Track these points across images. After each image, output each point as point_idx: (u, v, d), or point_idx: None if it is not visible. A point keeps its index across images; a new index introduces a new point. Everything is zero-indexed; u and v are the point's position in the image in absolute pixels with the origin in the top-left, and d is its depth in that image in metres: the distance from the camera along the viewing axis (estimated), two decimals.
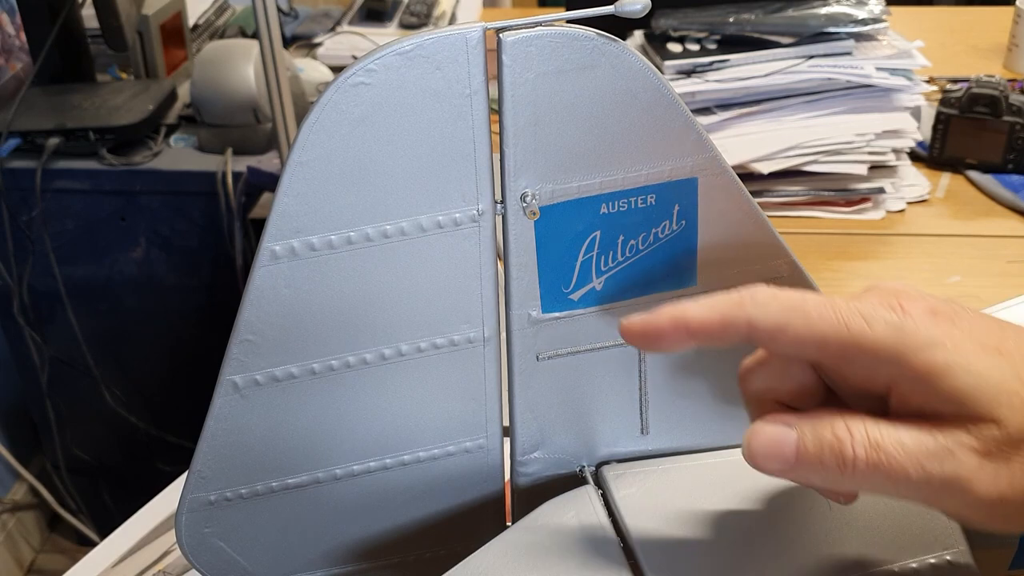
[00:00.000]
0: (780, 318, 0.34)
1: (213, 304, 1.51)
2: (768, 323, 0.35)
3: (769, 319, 0.35)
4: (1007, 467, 0.32)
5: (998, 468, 0.32)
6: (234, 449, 0.40)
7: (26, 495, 1.81)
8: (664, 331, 0.36)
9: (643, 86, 0.37)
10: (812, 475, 0.34)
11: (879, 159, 1.09)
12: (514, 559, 0.40)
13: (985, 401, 0.33)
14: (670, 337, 0.36)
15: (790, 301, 0.35)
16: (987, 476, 0.32)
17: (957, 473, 0.32)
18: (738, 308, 0.35)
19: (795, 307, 0.34)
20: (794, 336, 0.34)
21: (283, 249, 0.37)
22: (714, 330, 0.35)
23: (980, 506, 0.33)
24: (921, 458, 0.33)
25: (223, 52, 1.45)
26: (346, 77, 0.35)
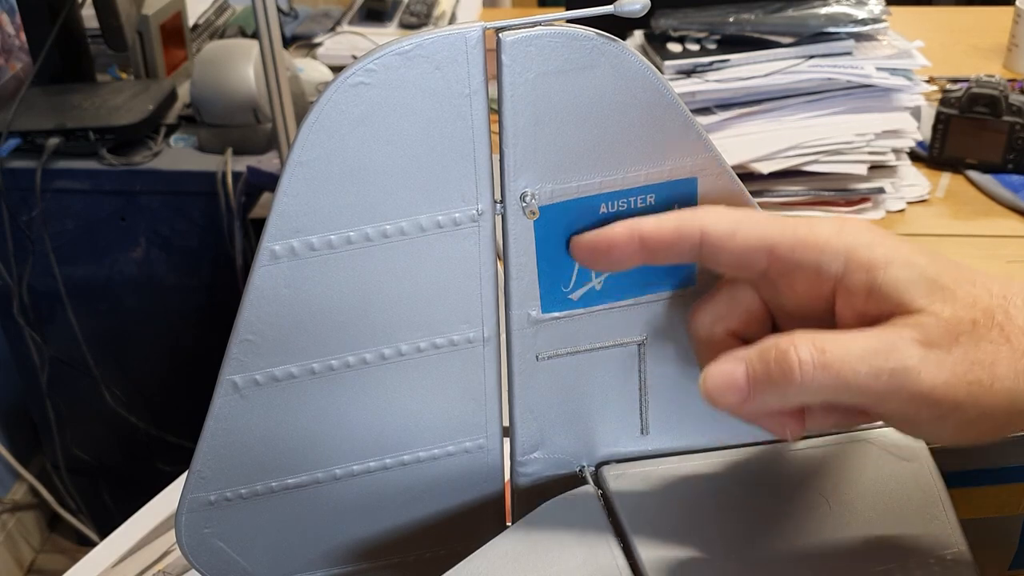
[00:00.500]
0: (732, 223, 0.37)
1: (213, 304, 1.51)
2: (720, 227, 0.37)
3: (720, 224, 0.37)
4: (949, 356, 0.34)
5: (941, 357, 0.34)
6: (234, 449, 0.40)
7: (26, 495, 1.81)
8: (617, 241, 0.38)
9: (643, 86, 0.37)
10: (767, 396, 0.35)
11: (879, 159, 1.09)
12: (514, 559, 0.40)
13: (923, 292, 0.35)
14: (623, 248, 0.38)
15: (740, 210, 0.38)
16: (931, 365, 0.34)
17: (904, 364, 0.34)
18: (692, 216, 0.37)
19: (746, 214, 0.37)
20: (745, 239, 0.36)
21: (283, 249, 0.37)
22: (667, 238, 0.37)
23: (927, 397, 0.34)
24: (867, 355, 0.34)
25: (223, 52, 1.45)
26: (346, 77, 0.35)
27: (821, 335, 0.35)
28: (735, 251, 0.37)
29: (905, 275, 0.35)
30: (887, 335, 0.34)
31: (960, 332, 0.34)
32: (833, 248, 0.36)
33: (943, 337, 0.34)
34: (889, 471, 0.43)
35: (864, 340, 0.34)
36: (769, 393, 0.35)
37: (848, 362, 0.34)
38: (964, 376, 0.34)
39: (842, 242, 0.36)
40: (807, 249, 0.36)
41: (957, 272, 0.35)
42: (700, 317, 0.40)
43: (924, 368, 0.34)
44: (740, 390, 0.36)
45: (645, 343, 0.42)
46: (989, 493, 0.46)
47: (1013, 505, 0.47)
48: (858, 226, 0.36)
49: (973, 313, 0.34)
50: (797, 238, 0.36)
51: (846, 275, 0.36)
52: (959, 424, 0.35)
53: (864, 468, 0.43)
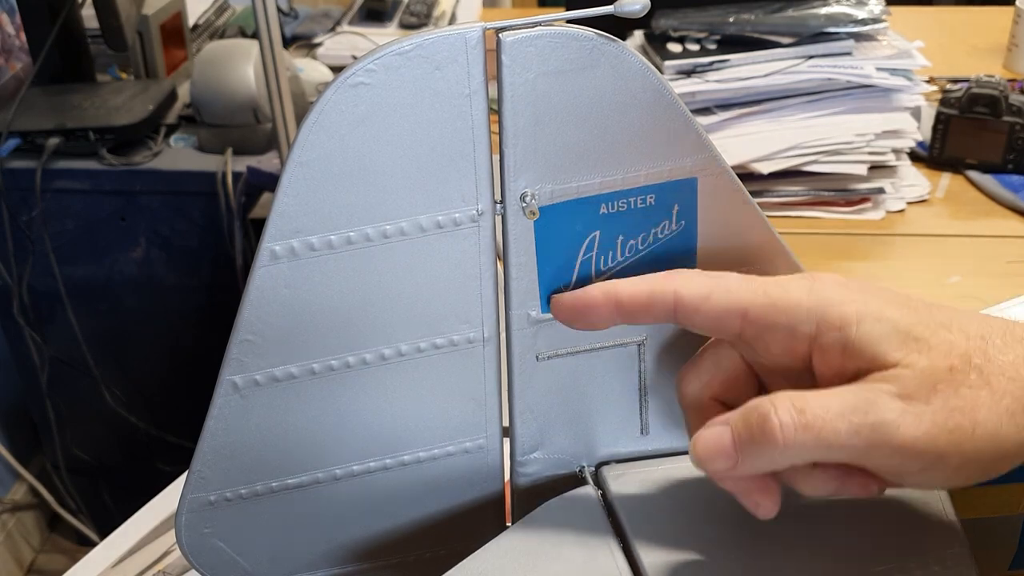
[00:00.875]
0: (703, 288, 0.37)
1: (213, 304, 1.51)
2: (692, 293, 0.37)
3: (693, 290, 0.37)
4: (928, 407, 0.34)
5: (919, 409, 0.34)
6: (234, 449, 0.40)
7: (26, 495, 1.81)
8: (595, 305, 0.39)
9: (643, 86, 0.37)
10: (755, 458, 0.36)
11: (879, 159, 1.09)
12: (514, 559, 0.40)
13: (897, 345, 0.35)
14: (601, 311, 0.39)
15: (712, 275, 0.38)
16: (911, 418, 0.34)
17: (882, 419, 0.34)
18: (665, 281, 0.38)
19: (717, 278, 0.38)
20: (717, 304, 0.37)
21: (283, 249, 0.37)
22: (642, 302, 0.38)
23: (909, 450, 0.34)
24: (847, 413, 0.34)
25: (223, 52, 1.45)
26: (346, 77, 0.35)
27: (800, 395, 0.35)
28: (709, 315, 0.37)
29: (877, 330, 0.35)
30: (864, 391, 0.34)
31: (937, 381, 0.34)
32: (804, 309, 0.36)
33: (920, 388, 0.34)
34: None
35: (843, 398, 0.35)
36: (755, 456, 0.36)
37: (828, 421, 0.34)
38: (944, 425, 0.34)
39: (812, 302, 0.36)
40: (779, 313, 0.36)
41: (932, 318, 0.35)
42: (686, 384, 0.41)
43: (903, 421, 0.34)
44: (728, 455, 0.36)
45: (645, 343, 0.42)
46: (989, 493, 0.46)
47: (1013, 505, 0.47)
48: (828, 284, 0.36)
49: (950, 360, 0.34)
50: (769, 301, 0.36)
51: (819, 335, 0.36)
52: (946, 472, 0.35)
53: None
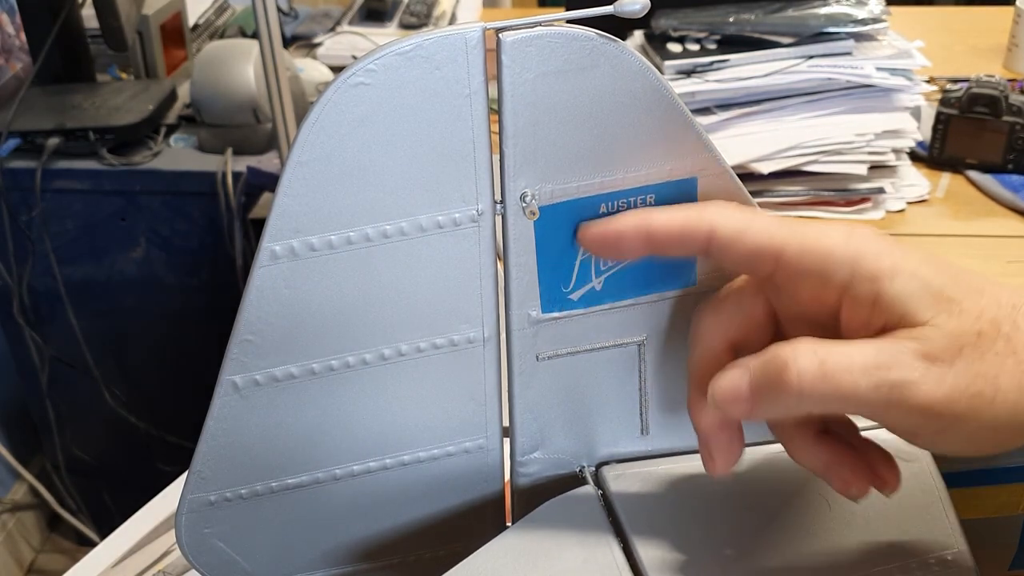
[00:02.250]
0: (741, 223, 0.36)
1: (213, 304, 1.51)
2: (729, 228, 0.36)
3: (730, 224, 0.36)
4: (951, 370, 0.34)
5: (942, 371, 0.34)
6: (234, 449, 0.40)
7: (26, 495, 1.81)
8: (625, 234, 0.38)
9: (643, 86, 0.37)
10: (771, 405, 0.35)
11: (879, 159, 1.09)
12: (514, 559, 0.40)
13: (928, 304, 0.34)
14: (630, 241, 0.38)
15: (750, 210, 0.37)
16: (932, 379, 0.34)
17: (904, 378, 0.34)
18: (701, 212, 0.37)
19: (755, 215, 0.37)
20: (753, 241, 0.36)
21: (283, 249, 0.37)
22: (675, 233, 0.37)
23: (927, 411, 0.34)
24: (869, 367, 0.34)
25: (223, 52, 1.44)
26: (346, 77, 0.35)
27: (823, 345, 0.35)
28: (743, 252, 0.37)
29: (911, 287, 0.34)
30: (889, 348, 0.34)
31: (964, 345, 0.34)
32: (840, 256, 0.35)
33: (946, 350, 0.34)
34: None
35: (866, 352, 0.34)
36: (771, 402, 0.35)
37: (849, 374, 0.34)
38: (966, 390, 0.33)
39: (849, 250, 0.35)
40: (814, 256, 0.36)
41: (966, 282, 0.35)
42: (702, 322, 0.40)
43: (924, 382, 0.33)
44: (744, 400, 0.36)
45: (645, 343, 0.42)
46: (989, 493, 0.46)
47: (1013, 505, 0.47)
48: (867, 234, 0.36)
49: (979, 325, 0.34)
50: (805, 244, 0.36)
51: (852, 284, 0.35)
52: (961, 437, 0.35)
53: None
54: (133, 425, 1.58)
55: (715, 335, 0.39)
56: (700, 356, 0.39)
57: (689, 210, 0.37)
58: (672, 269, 0.41)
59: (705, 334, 0.39)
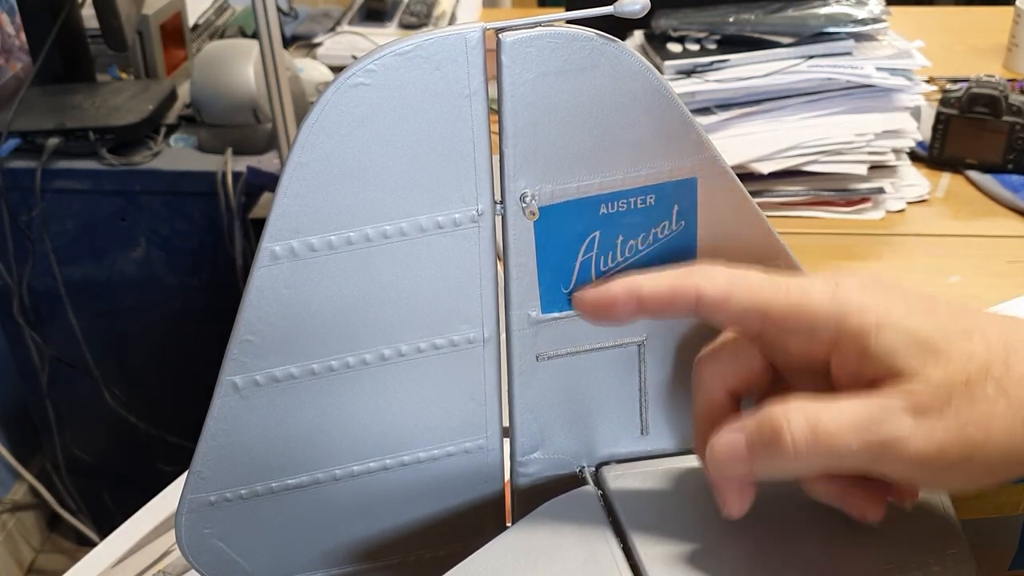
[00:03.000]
0: (725, 287, 0.37)
1: (213, 304, 1.51)
2: (714, 292, 0.37)
3: (715, 288, 0.37)
4: (940, 421, 0.34)
5: (932, 423, 0.34)
6: (234, 450, 0.40)
7: (26, 495, 1.81)
8: (617, 301, 0.39)
9: (643, 86, 0.37)
10: (769, 466, 0.36)
11: (879, 159, 1.09)
12: (514, 559, 0.40)
13: (914, 356, 0.34)
14: (622, 307, 0.39)
15: (735, 272, 0.37)
16: (922, 433, 0.34)
17: (893, 435, 0.34)
18: (687, 278, 0.38)
19: (740, 277, 0.37)
20: (738, 304, 0.37)
21: (283, 250, 0.37)
22: (664, 299, 0.38)
23: (921, 463, 0.34)
24: (858, 428, 0.34)
25: (223, 52, 1.45)
26: (346, 77, 0.35)
27: (814, 407, 0.35)
28: (730, 314, 0.37)
29: (896, 341, 0.35)
30: (877, 405, 0.34)
31: (952, 394, 0.34)
32: (824, 315, 0.36)
33: (934, 402, 0.34)
34: None
35: (854, 411, 0.35)
36: (768, 464, 0.36)
37: (839, 435, 0.34)
38: (956, 439, 0.34)
39: (833, 308, 0.36)
40: (799, 316, 0.36)
41: (954, 326, 0.35)
42: (702, 373, 0.40)
43: (914, 437, 0.34)
44: (743, 462, 0.36)
45: (645, 343, 0.42)
46: (989, 493, 0.46)
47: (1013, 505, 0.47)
48: (851, 288, 0.36)
49: (967, 372, 0.34)
50: (790, 304, 0.36)
51: (838, 342, 0.36)
52: (957, 479, 0.35)
53: None
54: (133, 425, 1.58)
55: (715, 385, 0.40)
56: (702, 405, 0.40)
57: (676, 277, 0.38)
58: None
59: (705, 384, 0.40)
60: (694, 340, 0.43)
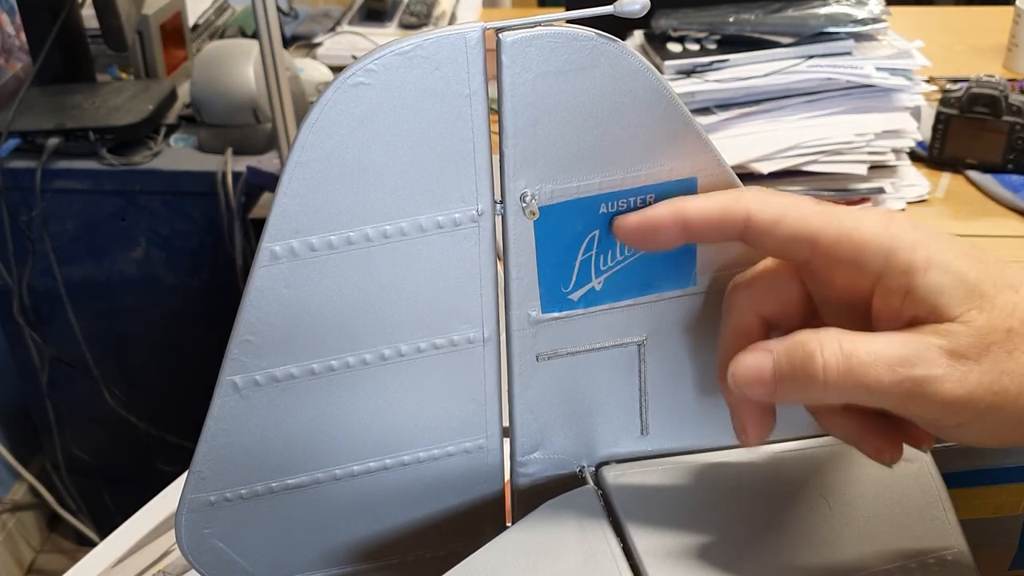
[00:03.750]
0: (777, 211, 0.36)
1: (213, 304, 1.51)
2: (765, 215, 0.36)
3: (766, 211, 0.36)
4: (976, 367, 0.34)
5: (967, 368, 0.34)
6: (234, 450, 0.40)
7: (26, 495, 1.81)
8: (662, 223, 0.38)
9: (642, 86, 0.37)
10: (794, 392, 0.36)
11: (879, 159, 1.09)
12: (514, 559, 0.40)
13: (960, 299, 0.34)
14: (667, 230, 0.38)
15: (786, 197, 0.37)
16: (956, 375, 0.34)
17: (927, 374, 0.34)
18: (737, 199, 0.37)
19: (792, 202, 0.36)
20: (789, 229, 0.36)
21: (283, 249, 0.37)
22: (712, 222, 0.37)
23: (949, 406, 0.34)
24: (893, 363, 0.34)
25: (223, 52, 1.45)
26: (346, 77, 0.35)
27: (850, 337, 0.35)
28: (779, 239, 0.37)
29: (943, 281, 0.34)
30: (915, 343, 0.34)
31: (992, 342, 0.34)
32: (875, 246, 0.35)
33: (972, 347, 0.34)
34: (889, 471, 0.43)
35: (892, 346, 0.34)
36: (793, 391, 0.35)
37: (873, 368, 0.34)
38: (990, 387, 0.34)
39: (885, 241, 0.35)
40: (849, 245, 0.35)
41: (1003, 277, 0.35)
42: (737, 297, 0.40)
43: (948, 379, 0.33)
44: (766, 384, 0.36)
45: (645, 343, 0.42)
46: (989, 493, 0.46)
47: (1013, 505, 0.47)
48: (904, 224, 0.36)
49: (1010, 322, 0.34)
50: (841, 232, 0.36)
51: (885, 275, 0.35)
52: (983, 430, 0.35)
53: (864, 468, 0.43)
54: (133, 425, 1.58)
55: (748, 309, 0.39)
56: (732, 328, 0.39)
57: (726, 197, 0.37)
58: (671, 270, 0.41)
59: (738, 307, 0.39)
60: (694, 340, 0.43)
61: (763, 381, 0.36)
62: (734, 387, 0.37)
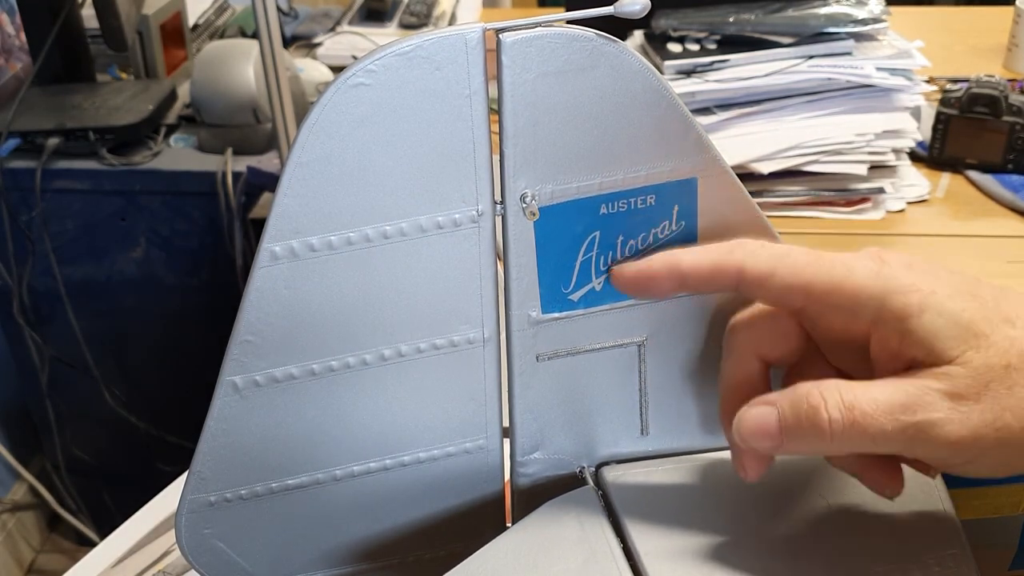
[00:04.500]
0: (768, 264, 0.37)
1: (213, 304, 1.51)
2: (757, 269, 0.37)
3: (758, 265, 0.37)
4: (977, 406, 0.34)
5: (968, 409, 0.34)
6: (234, 450, 0.40)
7: (26, 495, 1.81)
8: (657, 276, 0.38)
9: (642, 87, 0.37)
10: (800, 445, 0.36)
11: (879, 159, 1.09)
12: (514, 559, 0.40)
13: (955, 341, 0.34)
14: (662, 282, 0.38)
15: (778, 249, 0.37)
16: (958, 417, 0.34)
17: (928, 418, 0.34)
18: (729, 255, 0.37)
19: (783, 254, 0.37)
20: (782, 281, 0.37)
21: (283, 250, 0.37)
22: (705, 275, 0.38)
23: (955, 447, 0.34)
24: (894, 410, 0.34)
25: (223, 52, 1.45)
26: (346, 78, 0.35)
27: (850, 388, 0.35)
28: (772, 291, 0.37)
29: (937, 324, 0.34)
30: (915, 388, 0.34)
31: (991, 380, 0.34)
32: (868, 294, 0.35)
33: (971, 388, 0.34)
34: None
35: (892, 393, 0.34)
36: (800, 443, 0.36)
37: (876, 418, 0.34)
38: (992, 424, 0.34)
39: (877, 287, 0.35)
40: (842, 294, 0.36)
41: (996, 311, 0.35)
42: (736, 339, 0.40)
43: (950, 422, 0.34)
44: (773, 437, 0.36)
45: (645, 344, 0.42)
46: (989, 493, 0.46)
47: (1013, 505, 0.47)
48: (896, 266, 0.36)
49: (1007, 358, 0.34)
50: (832, 282, 0.36)
51: (879, 322, 0.36)
52: (990, 464, 0.35)
53: None
54: (133, 425, 1.58)
55: (748, 351, 0.40)
56: (732, 371, 0.40)
57: (718, 251, 0.38)
58: None
59: (738, 349, 0.40)
60: (694, 340, 0.43)
61: (769, 435, 0.36)
62: (740, 442, 0.37)
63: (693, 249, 0.38)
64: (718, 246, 0.38)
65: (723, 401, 0.40)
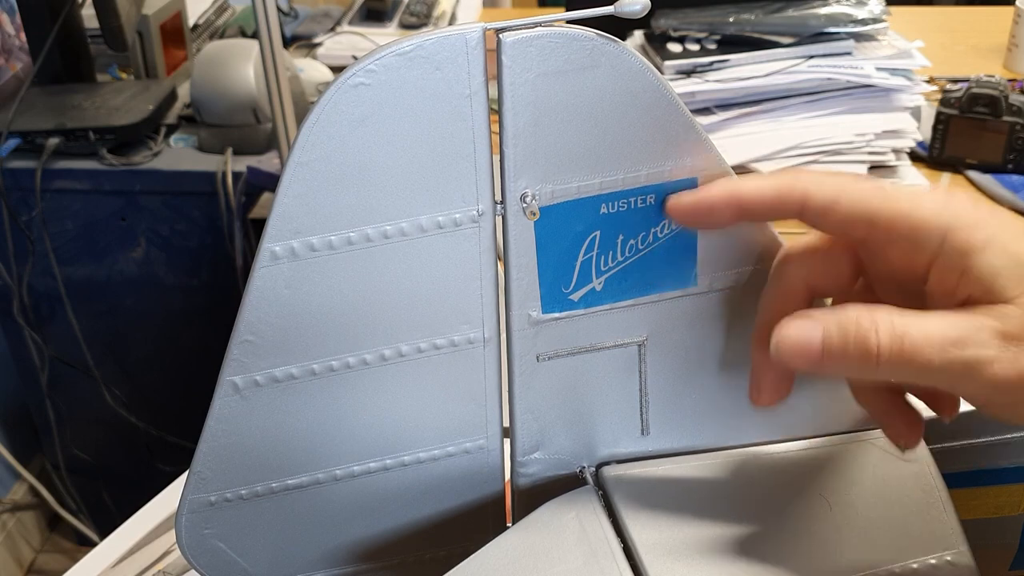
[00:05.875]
0: (834, 192, 0.36)
1: (213, 304, 1.51)
2: (822, 196, 0.36)
3: (823, 192, 0.36)
4: None
5: (1019, 350, 0.33)
6: (234, 450, 0.40)
7: (26, 495, 1.81)
8: (716, 205, 0.38)
9: (643, 86, 0.37)
10: (839, 368, 0.35)
11: (879, 159, 1.09)
12: (514, 559, 0.40)
13: (1015, 282, 0.34)
14: (721, 211, 0.38)
15: (843, 178, 0.36)
16: (1007, 358, 0.33)
17: (978, 356, 0.33)
18: (793, 181, 0.37)
19: (848, 183, 0.36)
20: (846, 210, 0.36)
21: (283, 250, 0.37)
22: (767, 203, 0.37)
23: (1000, 387, 0.34)
24: (945, 343, 0.34)
25: (223, 52, 1.45)
26: (346, 78, 0.35)
27: (903, 318, 0.34)
28: (836, 219, 0.36)
29: (1000, 262, 0.34)
30: (968, 324, 0.34)
31: None
32: (932, 226, 0.35)
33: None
34: (889, 471, 0.43)
35: (944, 327, 0.34)
36: (842, 366, 0.35)
37: (925, 350, 0.34)
38: None
39: (942, 220, 0.35)
40: (906, 225, 0.35)
41: None
42: (789, 264, 0.39)
43: (999, 361, 0.33)
44: (813, 357, 0.35)
45: (645, 343, 0.42)
46: (989, 493, 0.46)
47: (1013, 505, 0.47)
48: (962, 204, 0.35)
49: None
50: (898, 212, 0.35)
51: (941, 255, 0.35)
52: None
53: (864, 468, 0.43)
54: (133, 425, 1.58)
55: (799, 276, 0.39)
56: (776, 293, 0.39)
57: (782, 178, 0.37)
58: (672, 270, 0.41)
59: (788, 274, 0.39)
60: (695, 340, 0.43)
61: (810, 352, 0.35)
62: (776, 355, 0.36)
63: (754, 176, 0.37)
64: (781, 173, 0.37)
65: (759, 324, 0.39)
